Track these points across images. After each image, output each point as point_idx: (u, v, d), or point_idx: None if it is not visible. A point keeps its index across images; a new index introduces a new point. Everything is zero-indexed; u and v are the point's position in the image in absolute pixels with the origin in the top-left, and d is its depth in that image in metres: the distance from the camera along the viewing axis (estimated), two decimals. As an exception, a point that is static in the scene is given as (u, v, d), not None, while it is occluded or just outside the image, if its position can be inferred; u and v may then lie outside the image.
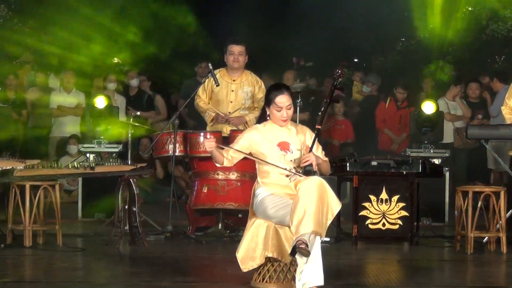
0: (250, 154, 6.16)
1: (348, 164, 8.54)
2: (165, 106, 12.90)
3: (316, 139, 6.16)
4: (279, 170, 6.05)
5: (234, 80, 9.11)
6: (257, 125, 6.30)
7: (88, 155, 10.45)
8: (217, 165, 6.25)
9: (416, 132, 10.72)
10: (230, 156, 6.16)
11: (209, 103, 9.17)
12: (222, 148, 6.17)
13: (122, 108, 12.17)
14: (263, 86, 9.14)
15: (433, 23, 15.48)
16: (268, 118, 6.23)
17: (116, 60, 15.32)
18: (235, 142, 6.21)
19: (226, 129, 9.02)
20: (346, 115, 13.10)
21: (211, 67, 8.81)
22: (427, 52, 15.54)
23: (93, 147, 10.55)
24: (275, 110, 6.14)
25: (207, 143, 6.04)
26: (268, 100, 6.18)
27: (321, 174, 6.27)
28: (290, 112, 6.15)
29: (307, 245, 5.63)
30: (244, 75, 9.17)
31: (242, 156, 6.17)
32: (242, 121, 9.05)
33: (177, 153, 8.83)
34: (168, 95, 13.43)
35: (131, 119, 9.73)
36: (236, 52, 9.07)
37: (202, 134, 8.83)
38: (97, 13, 14.10)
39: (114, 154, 10.35)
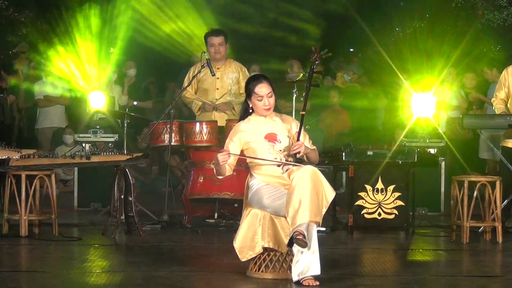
0: (242, 152, 6.17)
1: (344, 154, 8.55)
2: None
3: (303, 128, 6.19)
4: (272, 162, 6.05)
5: (218, 68, 9.18)
6: (240, 122, 6.25)
7: (84, 144, 10.45)
8: (220, 177, 6.23)
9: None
10: (229, 164, 6.14)
11: (196, 93, 9.24)
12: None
13: (119, 98, 12.17)
14: (246, 72, 9.28)
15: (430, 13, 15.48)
16: (251, 111, 6.22)
17: (111, 50, 15.27)
18: (225, 146, 6.19)
19: (214, 116, 9.07)
20: (341, 105, 13.11)
21: (207, 57, 8.83)
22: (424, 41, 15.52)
23: (89, 137, 10.54)
24: (256, 100, 6.14)
25: (221, 157, 5.97)
26: (248, 92, 6.18)
27: (310, 163, 6.29)
28: (272, 100, 6.15)
29: (304, 236, 5.64)
30: (227, 63, 9.31)
31: (237, 158, 6.18)
32: (229, 107, 9.12)
33: (173, 143, 8.84)
34: None
35: (127, 109, 9.73)
36: (217, 43, 9.17)
37: (198, 123, 8.84)
38: None
39: (110, 144, 10.34)
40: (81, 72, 12.95)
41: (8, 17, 15.52)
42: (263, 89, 6.12)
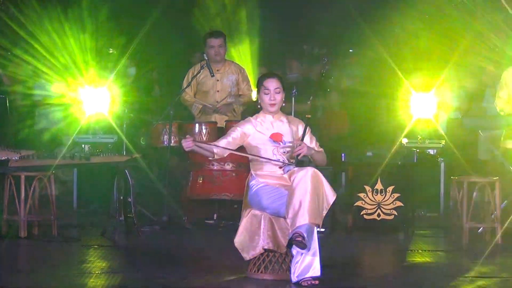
0: (242, 148, 6.17)
1: (343, 155, 8.55)
2: None
3: (310, 131, 6.19)
4: (273, 161, 6.05)
5: (218, 70, 9.19)
6: (250, 117, 6.30)
7: (83, 145, 10.44)
8: (209, 158, 6.26)
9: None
10: (218, 149, 6.14)
11: (195, 96, 9.25)
12: (201, 142, 6.15)
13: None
14: (246, 73, 9.32)
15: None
16: (259, 106, 6.25)
17: (111, 50, 15.25)
18: (228, 134, 6.20)
19: (215, 118, 9.07)
20: (342, 107, 13.10)
21: (206, 58, 8.83)
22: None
23: (89, 138, 10.54)
24: (263, 93, 6.17)
25: (184, 143, 5.98)
26: (258, 86, 6.25)
27: (317, 165, 6.28)
28: (279, 97, 6.17)
29: (303, 238, 5.63)
30: (227, 65, 9.34)
31: (235, 147, 6.18)
32: (229, 109, 9.15)
33: (172, 144, 8.83)
34: None
35: (126, 110, 9.72)
36: (216, 45, 9.21)
37: (197, 124, 8.85)
38: None
39: (110, 145, 10.33)
40: (81, 73, 12.94)
41: (8, 17, 15.49)
42: (272, 83, 6.15)
